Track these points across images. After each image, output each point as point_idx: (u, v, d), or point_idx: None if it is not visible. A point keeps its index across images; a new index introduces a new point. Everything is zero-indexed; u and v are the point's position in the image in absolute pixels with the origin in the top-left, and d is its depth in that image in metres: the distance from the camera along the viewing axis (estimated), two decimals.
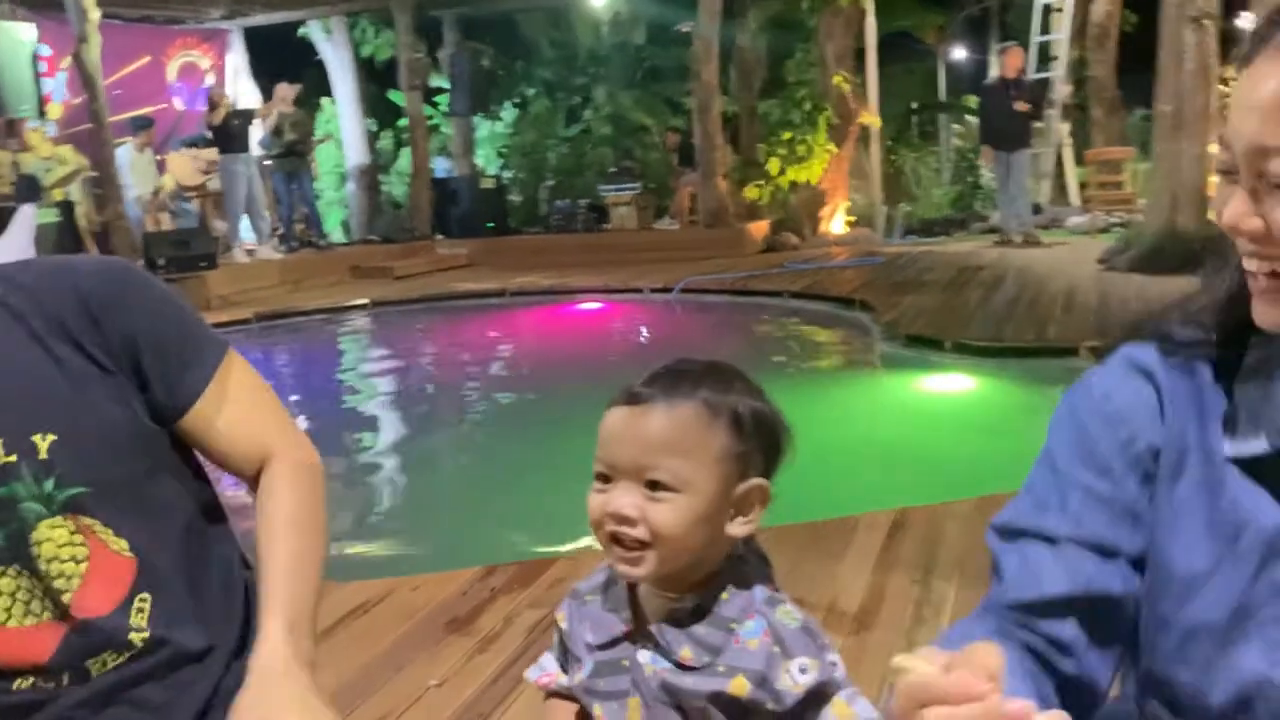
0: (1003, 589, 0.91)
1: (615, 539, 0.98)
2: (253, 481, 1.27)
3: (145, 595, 1.17)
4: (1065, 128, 14.80)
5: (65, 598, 1.13)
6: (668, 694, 0.99)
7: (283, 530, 1.20)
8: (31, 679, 1.13)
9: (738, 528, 1.01)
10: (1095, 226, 11.86)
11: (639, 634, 1.02)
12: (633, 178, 13.26)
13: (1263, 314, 0.82)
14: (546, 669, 1.12)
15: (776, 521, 3.50)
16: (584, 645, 1.05)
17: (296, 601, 1.14)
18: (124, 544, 1.15)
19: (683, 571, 1.00)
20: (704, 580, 1.01)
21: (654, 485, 0.97)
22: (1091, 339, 6.23)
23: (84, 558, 1.13)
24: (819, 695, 0.98)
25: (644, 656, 1.00)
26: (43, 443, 1.11)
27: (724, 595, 1.00)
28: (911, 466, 4.63)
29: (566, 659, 1.09)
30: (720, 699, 0.98)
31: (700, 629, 0.99)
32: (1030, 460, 0.97)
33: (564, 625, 1.08)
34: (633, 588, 1.04)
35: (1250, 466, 0.84)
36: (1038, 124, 11.58)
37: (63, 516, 1.12)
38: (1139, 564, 0.90)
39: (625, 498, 0.97)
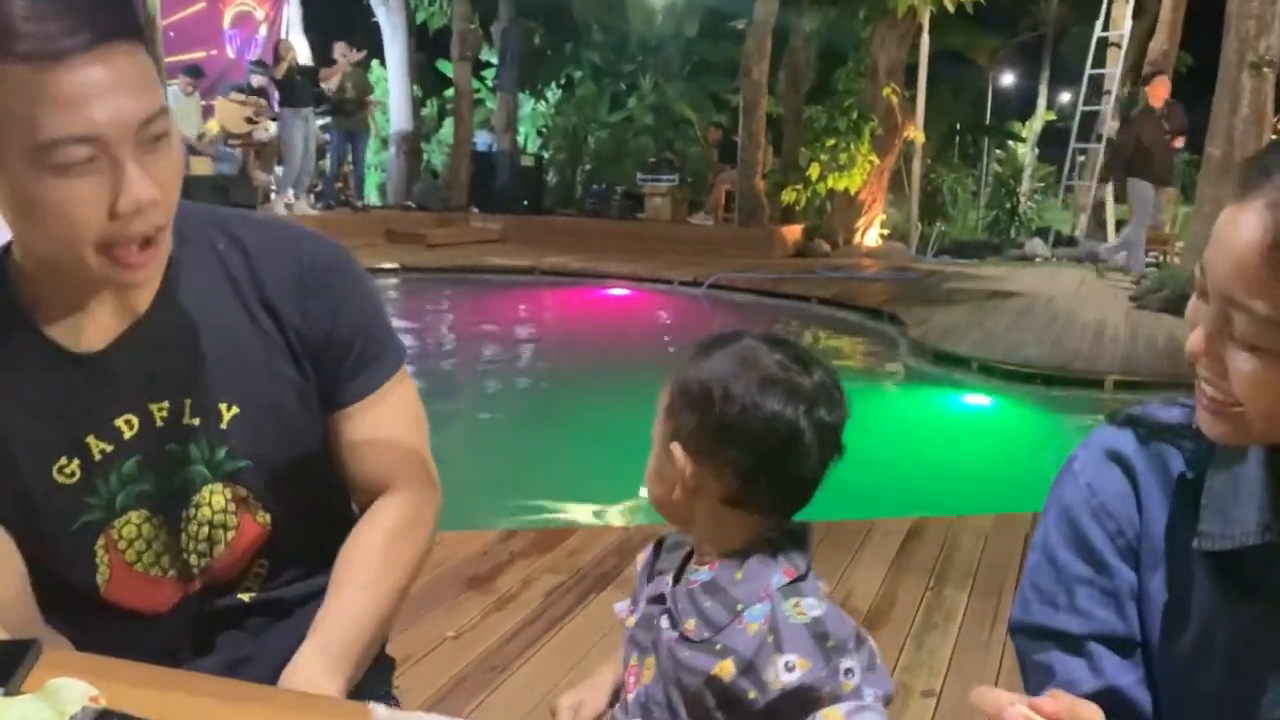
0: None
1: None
2: (363, 506, 1.23)
3: (264, 561, 1.21)
4: None
5: (201, 561, 1.16)
6: (670, 664, 0.98)
7: (368, 558, 1.16)
8: (146, 620, 1.17)
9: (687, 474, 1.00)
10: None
11: (662, 599, 1.03)
12: (671, 169, 13.26)
13: (1205, 425, 0.84)
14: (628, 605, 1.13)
15: (794, 516, 3.54)
16: (643, 595, 1.07)
17: (344, 632, 1.10)
18: (267, 517, 1.18)
19: (723, 538, 1.00)
20: (730, 553, 0.99)
21: None
22: (1117, 374, 6.24)
23: (233, 526, 1.16)
24: (805, 698, 0.93)
25: (664, 621, 1.01)
26: (226, 413, 1.13)
27: (738, 574, 0.98)
28: (930, 479, 4.66)
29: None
30: (711, 682, 0.95)
31: (708, 602, 0.97)
32: (1046, 485, 0.99)
33: (637, 569, 1.11)
34: (689, 553, 1.05)
35: (1219, 560, 0.85)
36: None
37: (223, 484, 1.15)
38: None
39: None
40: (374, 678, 1.21)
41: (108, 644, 1.16)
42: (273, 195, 11.55)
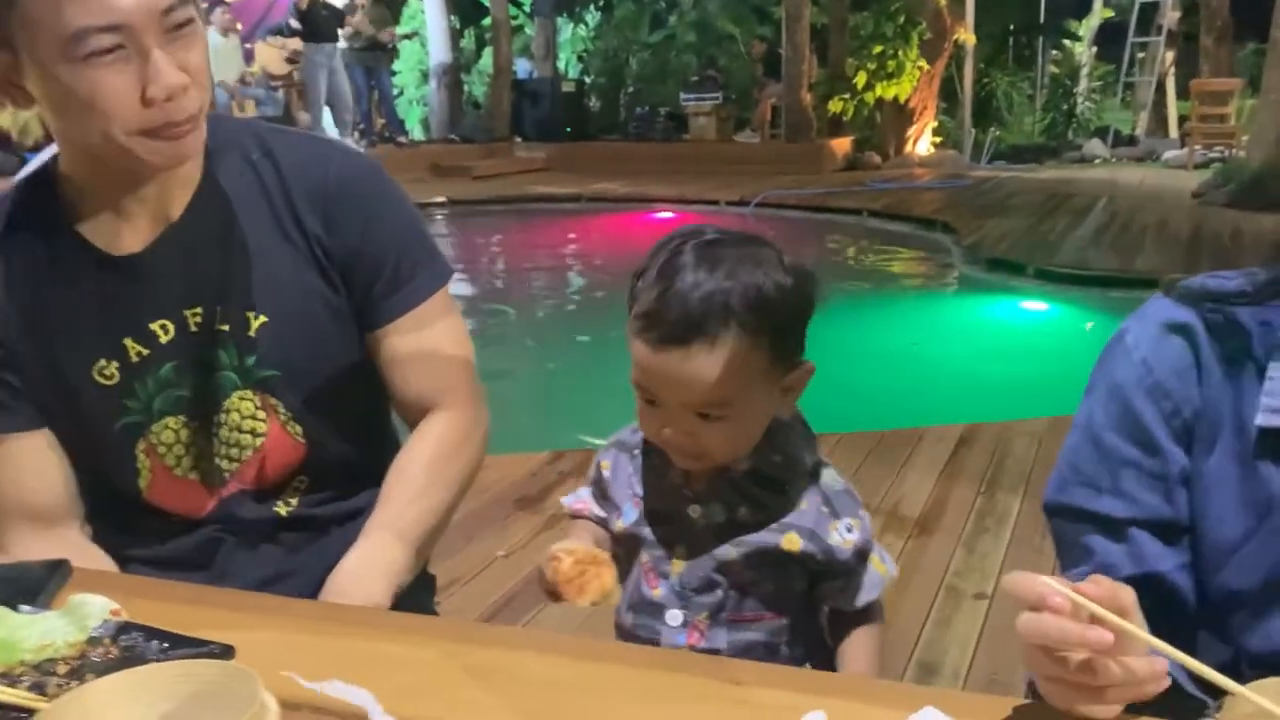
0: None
1: (671, 447, 1.00)
2: (412, 425, 1.24)
3: (304, 478, 1.22)
4: (1170, 55, 14.19)
5: (232, 466, 1.17)
6: (716, 547, 1.02)
7: (415, 472, 1.18)
8: (185, 525, 1.20)
9: (786, 407, 1.03)
10: (1193, 161, 11.42)
11: (691, 488, 1.04)
12: (715, 87, 13.01)
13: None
14: (581, 498, 1.13)
15: (843, 429, 3.52)
16: (630, 494, 1.07)
17: (392, 542, 1.12)
18: (299, 429, 1.18)
19: (737, 456, 1.02)
20: (755, 445, 1.03)
21: (706, 415, 0.97)
22: (1178, 272, 6.06)
23: (262, 433, 1.17)
24: (862, 552, 1.03)
25: (695, 511, 1.03)
26: (254, 321, 1.14)
27: (776, 458, 1.03)
28: (984, 386, 4.59)
29: (604, 503, 1.11)
30: (770, 554, 1.01)
31: (754, 489, 1.02)
32: None
33: (606, 473, 1.11)
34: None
35: None
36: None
37: (253, 391, 1.16)
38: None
39: (677, 423, 0.98)
40: (417, 593, 1.22)
41: (148, 551, 1.20)
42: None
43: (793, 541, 1.01)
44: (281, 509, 1.22)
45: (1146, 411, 0.87)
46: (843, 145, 12.22)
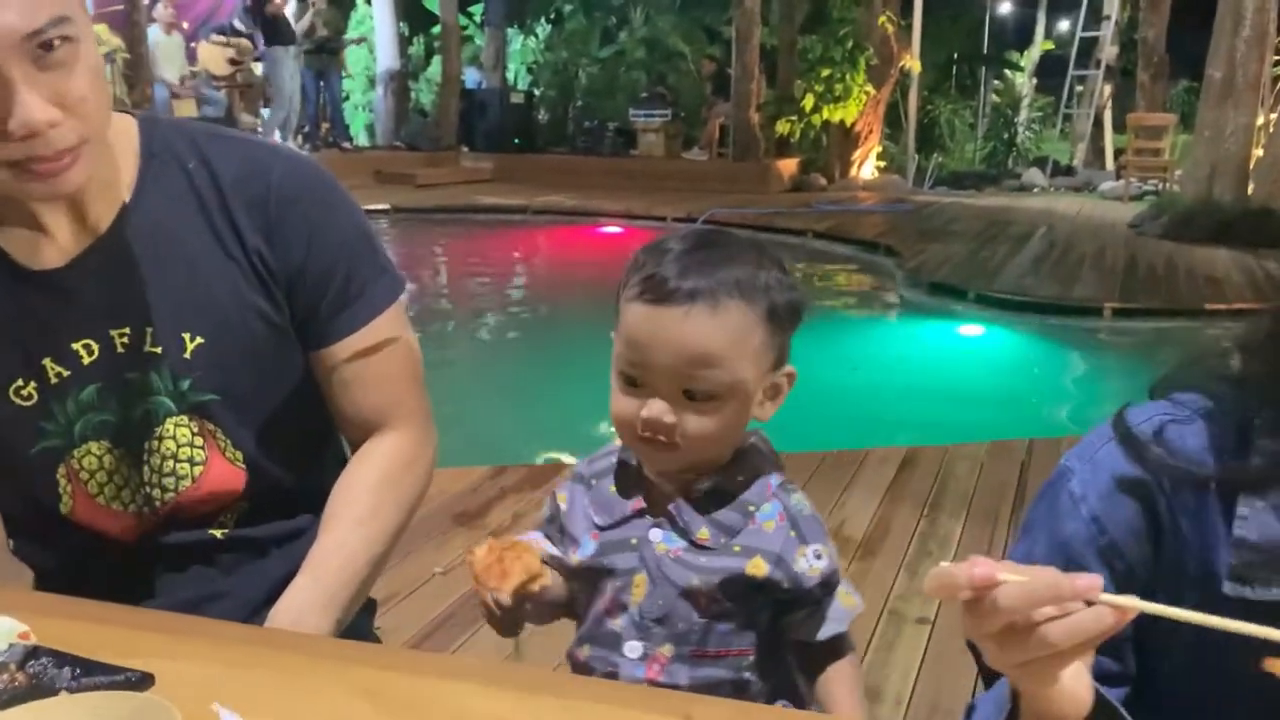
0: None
1: (648, 439, 0.95)
2: (356, 444, 1.18)
3: (244, 504, 1.15)
4: (1108, 89, 14.56)
5: (165, 496, 1.10)
6: (678, 573, 0.98)
7: (361, 496, 1.12)
8: (113, 547, 1.13)
9: (765, 412, 1.00)
10: (1129, 193, 11.69)
11: (652, 512, 1.00)
12: (664, 104, 13.04)
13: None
14: (534, 538, 1.07)
15: (788, 449, 3.50)
16: (587, 526, 1.03)
17: (339, 570, 1.07)
18: (239, 455, 1.12)
19: (703, 463, 0.99)
20: (722, 463, 1.00)
21: (692, 394, 0.93)
22: (1116, 301, 6.19)
23: (200, 461, 1.10)
24: (829, 581, 1.00)
25: (656, 535, 0.99)
26: (190, 343, 1.07)
27: (740, 478, 1.00)
28: (926, 409, 4.62)
29: (561, 539, 1.06)
30: (735, 581, 0.97)
31: (718, 510, 0.99)
32: (1042, 412, 0.90)
33: (564, 506, 1.06)
34: (645, 472, 1.02)
35: (1255, 609, 0.71)
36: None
37: (189, 417, 1.09)
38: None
39: (661, 405, 0.93)
40: (356, 617, 1.16)
41: (75, 569, 1.13)
42: (271, 137, 11.37)
43: (758, 566, 0.97)
44: (217, 532, 1.15)
45: (1099, 573, 0.74)
46: (789, 166, 12.32)
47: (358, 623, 1.19)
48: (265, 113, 11.68)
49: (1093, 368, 5.69)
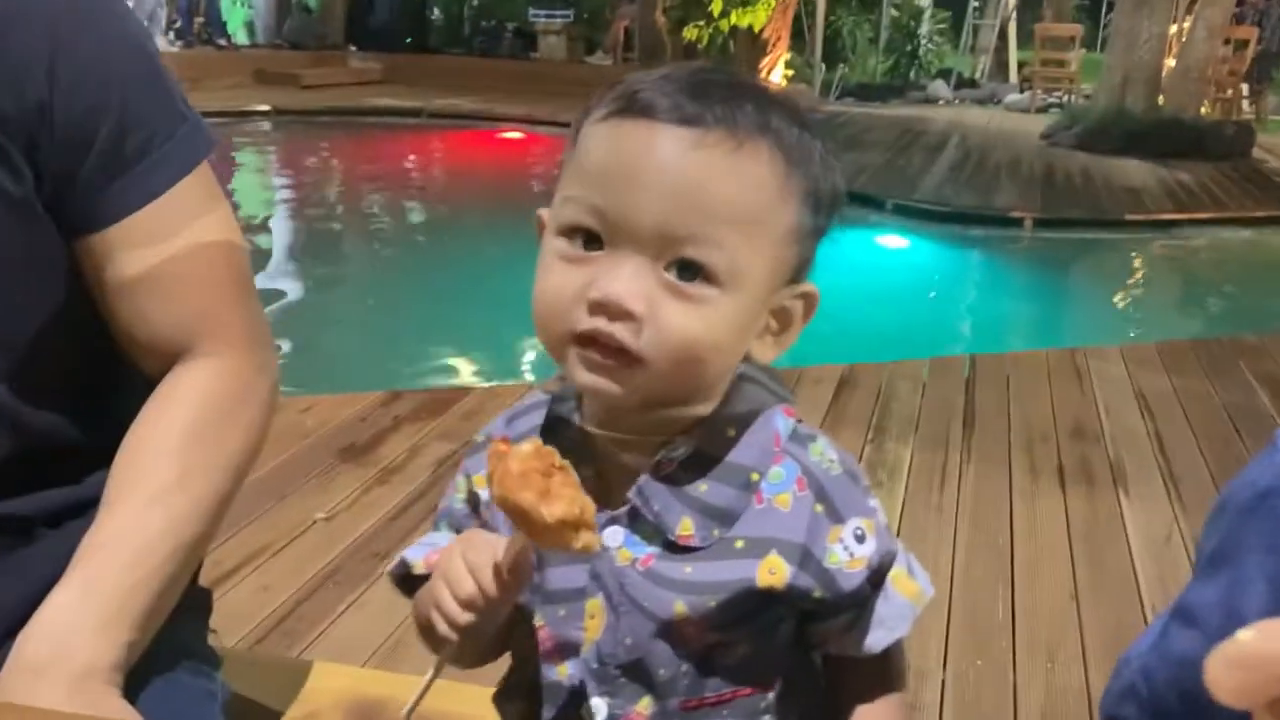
0: None
1: (590, 338, 0.59)
2: (156, 377, 0.82)
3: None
4: (1012, 0, 14.47)
5: None
6: (652, 596, 0.63)
7: (160, 454, 0.76)
8: None
9: (769, 348, 0.65)
10: (1035, 105, 11.62)
11: (605, 499, 0.64)
12: (566, 5, 12.49)
13: None
14: (437, 546, 0.68)
15: None
16: (508, 520, 0.61)
17: (121, 573, 0.72)
18: None
19: (676, 402, 0.62)
20: (704, 414, 0.64)
21: (687, 269, 0.58)
22: (1037, 212, 6.04)
23: None
24: (879, 571, 0.66)
25: (614, 535, 0.64)
26: None
27: (731, 431, 0.65)
28: (857, 325, 4.37)
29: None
30: (741, 598, 0.63)
31: (703, 485, 0.64)
32: (975, 327, 0.61)
33: (482, 491, 0.69)
34: (590, 433, 0.65)
35: None
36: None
37: None
38: None
39: (632, 282, 0.58)
40: (179, 625, 0.79)
41: None
42: None
43: (775, 570, 0.63)
44: None
45: None
46: None
47: (180, 631, 0.82)
48: (130, 2, 10.70)
49: (1021, 280, 5.53)
